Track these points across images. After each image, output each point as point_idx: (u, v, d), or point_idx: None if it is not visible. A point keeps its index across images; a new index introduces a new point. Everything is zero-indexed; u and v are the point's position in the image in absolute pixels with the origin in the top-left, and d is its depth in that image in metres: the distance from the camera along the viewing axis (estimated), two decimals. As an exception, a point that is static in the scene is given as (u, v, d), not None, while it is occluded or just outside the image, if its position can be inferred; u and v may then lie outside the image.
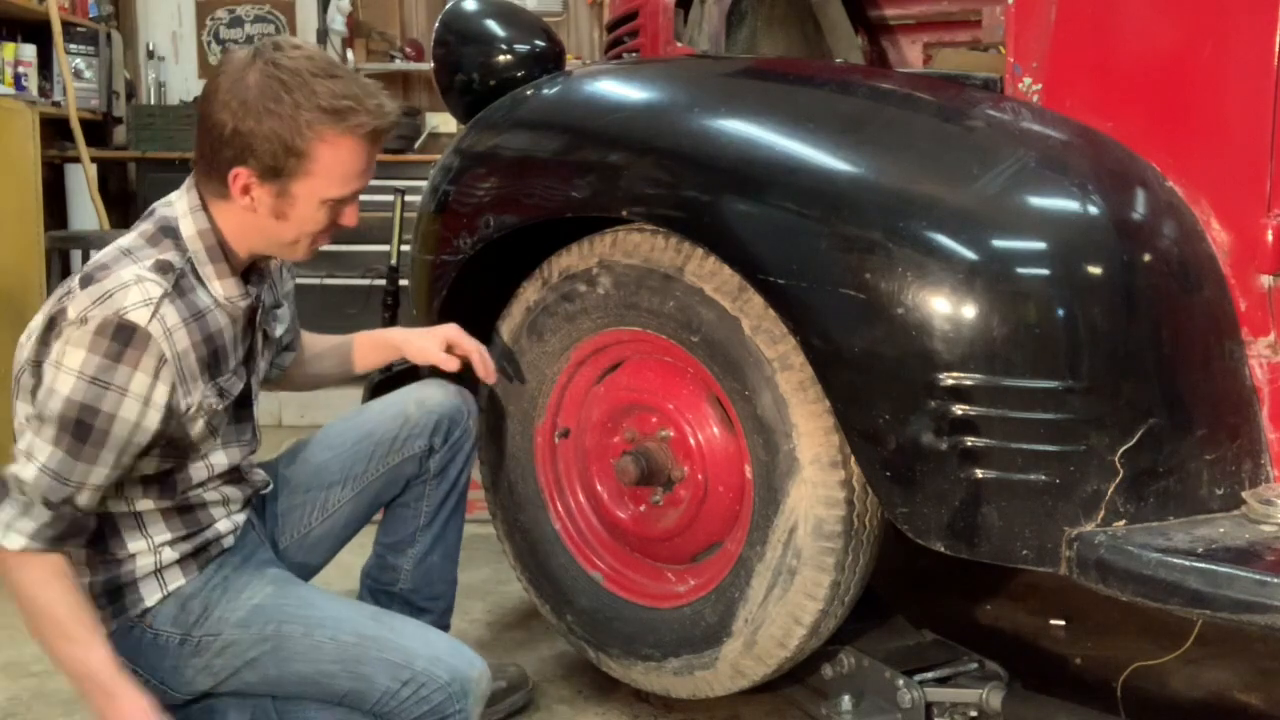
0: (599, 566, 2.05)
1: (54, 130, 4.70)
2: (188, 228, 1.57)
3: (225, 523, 1.69)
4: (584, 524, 2.08)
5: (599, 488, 2.03)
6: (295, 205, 1.56)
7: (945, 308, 1.49)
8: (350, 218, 1.62)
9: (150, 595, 1.61)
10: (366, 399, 2.41)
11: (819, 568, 1.72)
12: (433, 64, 2.32)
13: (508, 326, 2.05)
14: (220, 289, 1.59)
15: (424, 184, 2.16)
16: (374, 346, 1.98)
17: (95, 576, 1.59)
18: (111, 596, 1.60)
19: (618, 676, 2.01)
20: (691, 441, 1.87)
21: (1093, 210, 1.55)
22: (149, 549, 1.61)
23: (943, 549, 1.55)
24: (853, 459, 1.66)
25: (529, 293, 2.00)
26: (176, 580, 1.62)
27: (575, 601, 2.04)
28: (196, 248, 1.57)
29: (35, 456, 1.46)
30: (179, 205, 1.59)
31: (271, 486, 1.83)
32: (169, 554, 1.62)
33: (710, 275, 1.73)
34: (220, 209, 1.58)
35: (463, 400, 1.93)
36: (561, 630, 2.08)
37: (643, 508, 1.97)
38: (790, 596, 1.75)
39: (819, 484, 1.69)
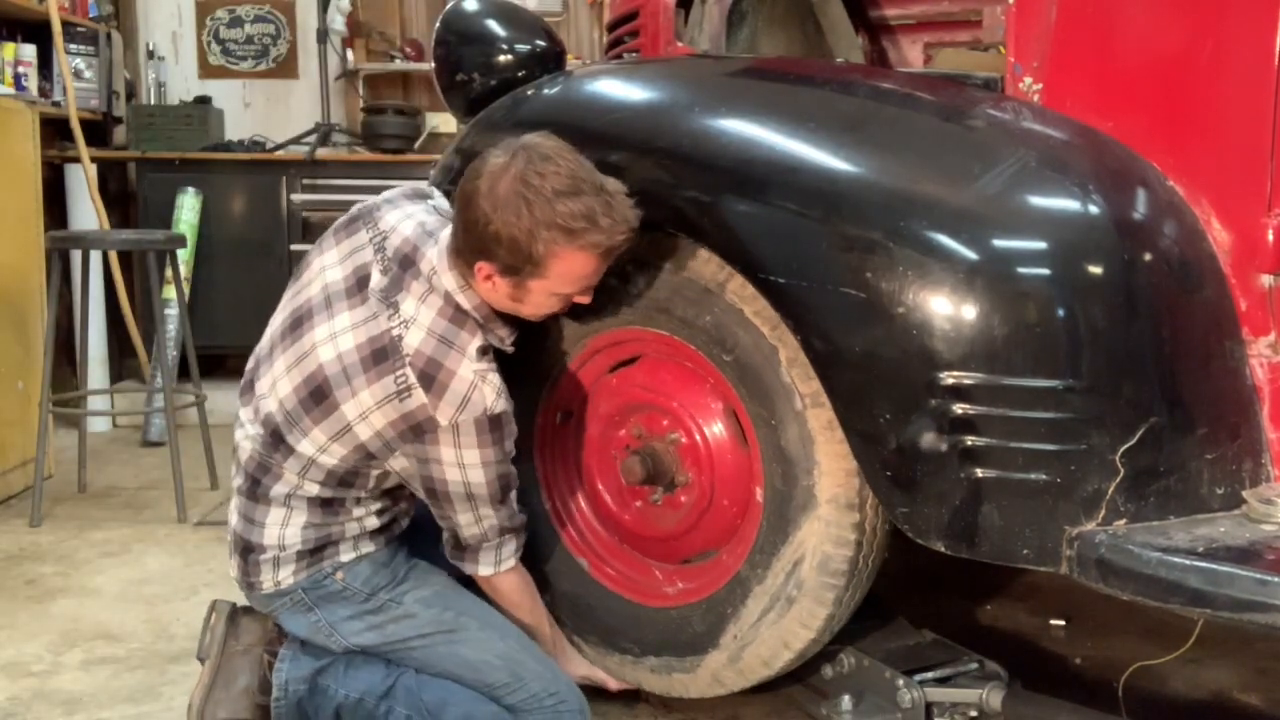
0: (585, 553, 2.06)
1: (54, 130, 4.69)
2: (467, 302, 1.76)
3: (405, 503, 1.94)
4: (575, 509, 2.09)
5: (597, 479, 2.03)
6: (530, 295, 1.74)
7: (946, 307, 1.49)
8: (584, 300, 1.80)
9: (346, 553, 1.85)
10: None
11: (818, 601, 1.74)
12: (433, 64, 2.32)
13: None
14: (505, 334, 1.83)
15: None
16: None
17: (311, 532, 1.82)
18: (317, 548, 1.83)
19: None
20: (701, 450, 1.88)
21: (1093, 210, 1.55)
22: (358, 516, 1.84)
23: (943, 549, 1.55)
24: (869, 502, 1.68)
25: None
26: (367, 546, 1.86)
27: (556, 585, 2.05)
28: (483, 314, 1.78)
29: (485, 519, 1.81)
30: (447, 280, 1.75)
31: None
32: (371, 522, 1.86)
33: (752, 298, 1.72)
34: (465, 280, 1.76)
35: None
36: None
37: (639, 504, 1.97)
38: (784, 623, 1.77)
39: (833, 523, 1.70)
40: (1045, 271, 1.51)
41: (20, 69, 4.48)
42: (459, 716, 1.81)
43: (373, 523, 1.86)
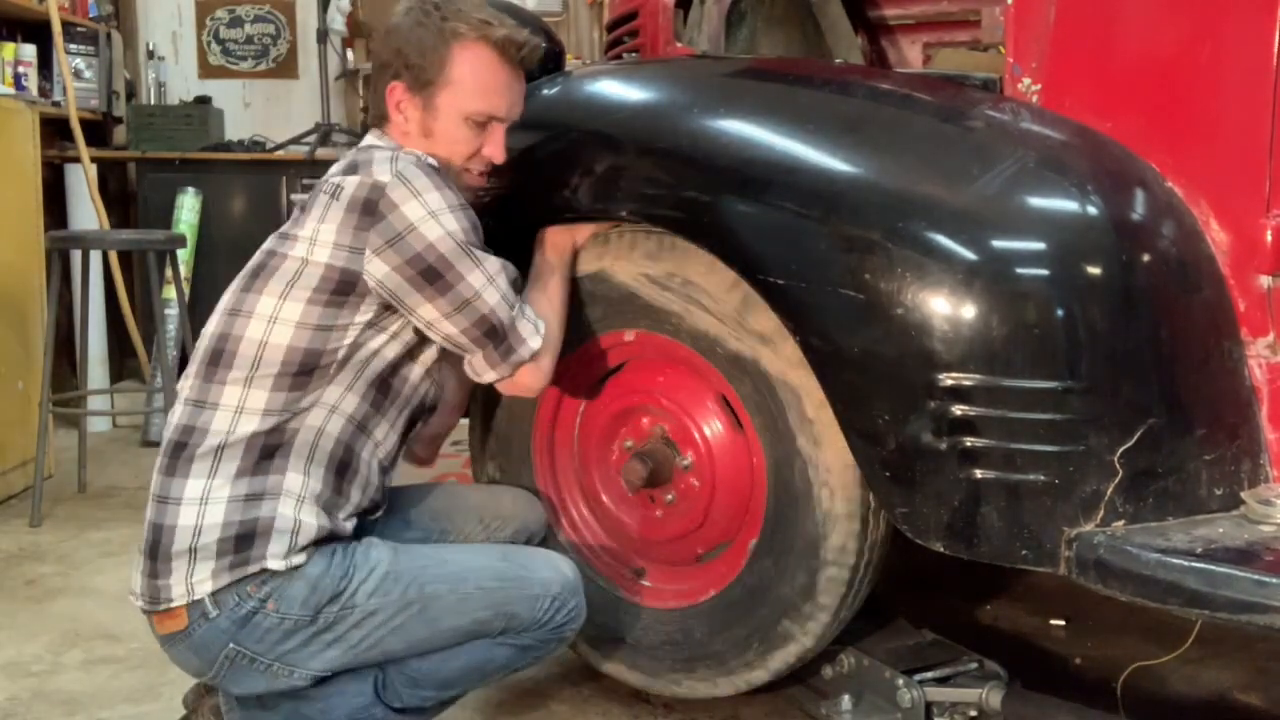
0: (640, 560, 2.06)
1: (54, 130, 4.69)
2: (385, 144, 1.72)
3: (349, 496, 1.70)
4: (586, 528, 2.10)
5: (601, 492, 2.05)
6: (439, 121, 1.71)
7: (945, 308, 1.49)
8: (495, 149, 1.75)
9: (274, 558, 1.58)
10: None
11: (821, 602, 1.78)
12: (433, 64, 2.32)
13: None
14: None
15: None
16: None
17: (236, 510, 1.58)
18: (242, 536, 1.58)
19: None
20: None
21: (1092, 210, 1.55)
22: (294, 492, 1.62)
23: (942, 549, 1.55)
24: (870, 503, 1.70)
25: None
26: (298, 558, 1.61)
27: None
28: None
29: (496, 277, 1.68)
30: (368, 140, 1.76)
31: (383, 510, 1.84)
32: (308, 514, 1.62)
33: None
34: (388, 134, 1.74)
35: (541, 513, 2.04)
36: None
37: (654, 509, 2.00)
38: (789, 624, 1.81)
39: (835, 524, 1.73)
40: (1044, 272, 1.51)
41: (20, 69, 4.49)
42: (469, 668, 1.71)
43: (309, 517, 1.61)
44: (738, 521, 1.88)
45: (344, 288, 1.61)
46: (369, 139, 1.77)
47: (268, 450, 1.61)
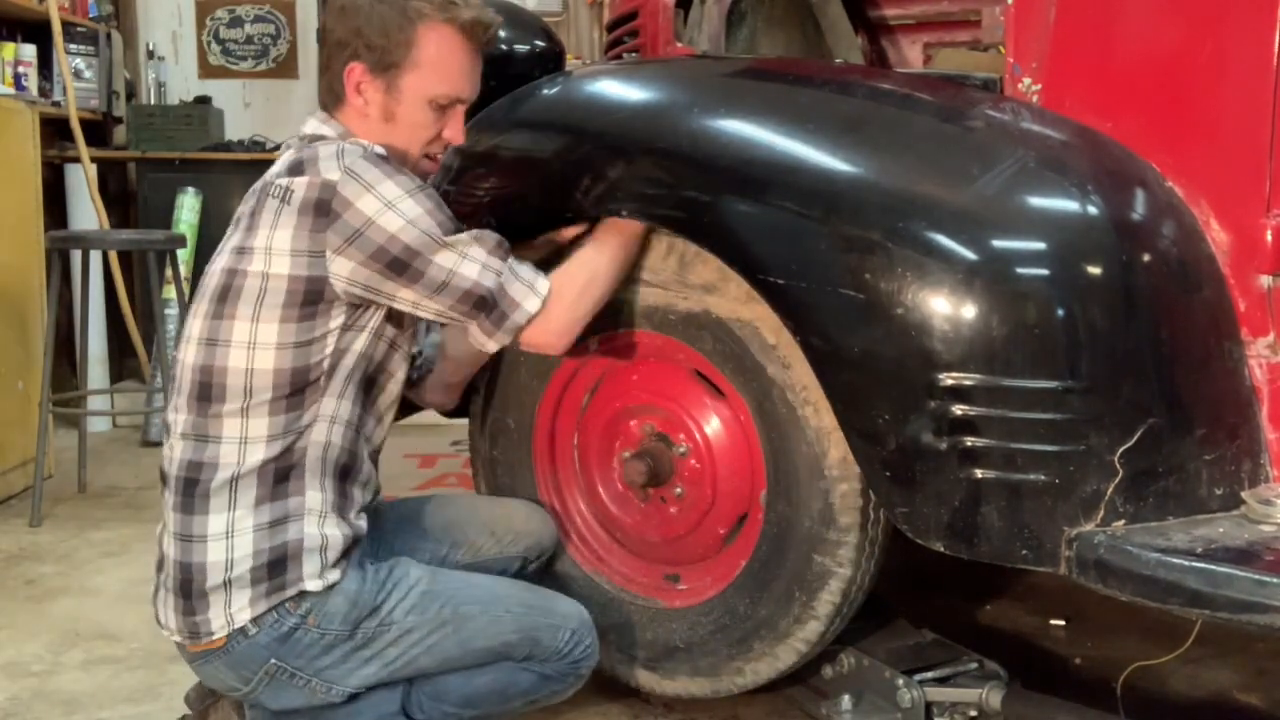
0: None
1: (54, 130, 4.69)
2: (331, 132, 1.69)
3: (360, 493, 1.73)
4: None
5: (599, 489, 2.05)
6: (402, 105, 1.68)
7: (945, 308, 1.49)
8: (454, 131, 1.74)
9: (311, 579, 1.60)
10: None
11: (822, 603, 1.79)
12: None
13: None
14: None
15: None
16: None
17: (265, 538, 1.60)
18: (274, 562, 1.60)
19: None
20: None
21: (1092, 210, 1.55)
22: (315, 509, 1.63)
23: (942, 549, 1.55)
24: (870, 504, 1.70)
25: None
26: (334, 574, 1.62)
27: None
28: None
29: (469, 250, 1.65)
30: (312, 126, 1.71)
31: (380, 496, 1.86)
32: (331, 527, 1.63)
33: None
34: (341, 117, 1.71)
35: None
36: None
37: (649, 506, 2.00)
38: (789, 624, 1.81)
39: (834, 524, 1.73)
40: (1044, 272, 1.51)
41: (20, 69, 4.48)
42: (493, 689, 1.74)
43: (333, 530, 1.63)
44: (746, 484, 1.87)
45: (312, 297, 1.58)
46: (314, 124, 1.71)
47: (281, 474, 1.61)
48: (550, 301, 1.68)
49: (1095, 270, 1.51)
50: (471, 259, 1.63)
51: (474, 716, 1.77)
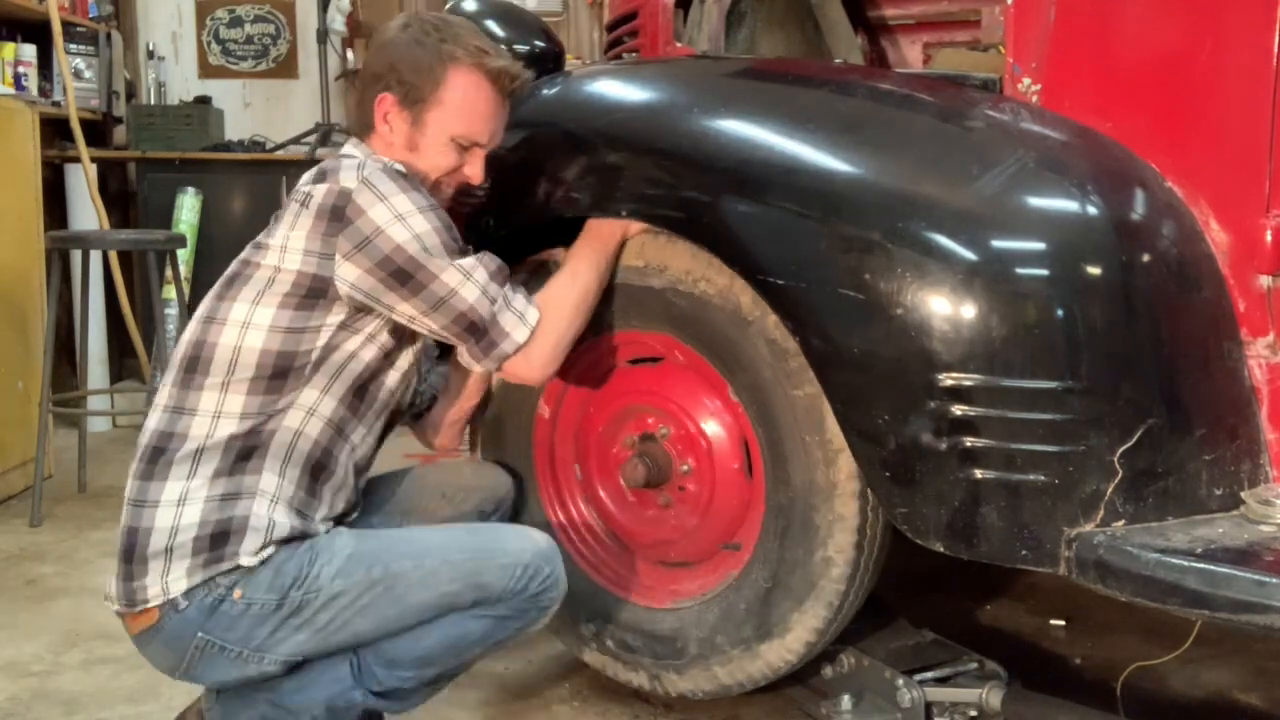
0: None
1: (54, 130, 4.69)
2: (359, 153, 1.75)
3: (324, 498, 1.72)
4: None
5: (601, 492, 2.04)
6: (425, 137, 1.74)
7: (945, 308, 1.49)
8: (474, 170, 1.79)
9: (246, 555, 1.60)
10: None
11: (821, 603, 1.78)
12: (433, 64, 2.31)
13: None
14: None
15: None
16: None
17: (214, 510, 1.60)
18: (217, 534, 1.60)
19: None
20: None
21: (1092, 211, 1.55)
22: (269, 492, 1.63)
23: (942, 549, 1.55)
24: (870, 504, 1.69)
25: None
26: (270, 551, 1.62)
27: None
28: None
29: (473, 272, 1.69)
30: (344, 149, 1.78)
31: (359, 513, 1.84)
32: (281, 515, 1.64)
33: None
34: (369, 143, 1.77)
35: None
36: None
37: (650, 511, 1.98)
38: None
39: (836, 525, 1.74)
40: (1043, 272, 1.51)
41: (20, 69, 4.48)
42: (444, 643, 1.69)
43: (282, 517, 1.63)
44: (743, 467, 1.88)
45: (315, 292, 1.64)
46: (346, 148, 1.80)
47: (245, 451, 1.63)
48: (536, 335, 1.74)
49: (1095, 271, 1.51)
50: (473, 282, 1.68)
51: (437, 675, 1.73)
